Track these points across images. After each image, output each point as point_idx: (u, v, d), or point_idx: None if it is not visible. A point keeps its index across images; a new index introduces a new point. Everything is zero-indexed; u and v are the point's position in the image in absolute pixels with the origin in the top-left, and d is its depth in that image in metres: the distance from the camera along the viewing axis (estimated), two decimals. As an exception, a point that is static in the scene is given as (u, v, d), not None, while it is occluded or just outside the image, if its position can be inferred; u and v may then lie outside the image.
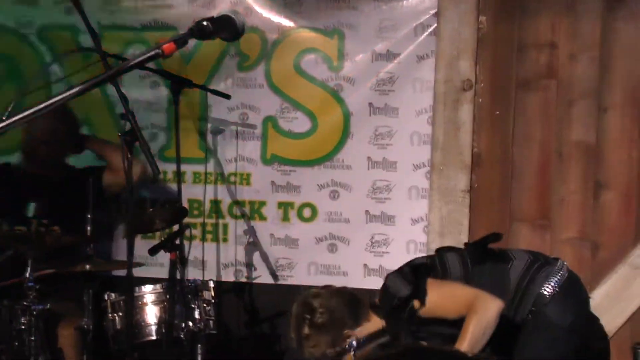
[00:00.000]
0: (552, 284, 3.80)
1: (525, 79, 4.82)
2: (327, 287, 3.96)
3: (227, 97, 5.10)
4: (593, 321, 4.00)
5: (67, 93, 2.22)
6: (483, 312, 3.65)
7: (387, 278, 3.91)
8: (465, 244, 4.15)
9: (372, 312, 3.88)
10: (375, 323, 3.85)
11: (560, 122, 4.78)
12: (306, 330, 3.82)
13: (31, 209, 4.47)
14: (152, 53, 2.28)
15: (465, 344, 3.59)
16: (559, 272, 3.84)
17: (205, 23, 2.33)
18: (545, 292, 3.79)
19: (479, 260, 3.90)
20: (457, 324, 3.70)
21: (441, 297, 3.77)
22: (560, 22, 4.76)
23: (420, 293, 3.76)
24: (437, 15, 4.97)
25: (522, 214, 4.82)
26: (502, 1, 4.79)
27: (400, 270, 3.91)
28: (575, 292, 3.89)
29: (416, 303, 3.74)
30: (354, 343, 3.74)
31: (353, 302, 3.89)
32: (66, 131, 4.99)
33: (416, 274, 3.84)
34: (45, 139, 4.92)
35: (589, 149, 4.76)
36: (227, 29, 2.39)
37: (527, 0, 4.75)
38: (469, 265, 3.88)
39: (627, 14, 4.66)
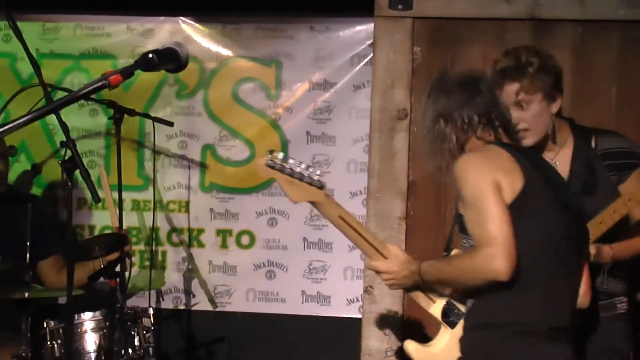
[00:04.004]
0: None
1: (458, 107, 4.90)
2: None
3: (170, 124, 5.11)
4: None
5: (15, 122, 2.26)
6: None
7: None
8: None
9: None
10: None
11: (492, 149, 4.88)
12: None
13: None
14: (99, 84, 2.33)
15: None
16: None
17: (151, 55, 2.38)
18: None
19: None
20: None
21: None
22: (491, 51, 4.83)
23: None
24: (372, 45, 5.07)
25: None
26: (435, 31, 4.88)
27: None
28: None
29: None
30: None
31: None
32: None
33: None
34: None
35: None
36: (172, 61, 2.44)
37: (460, 30, 4.84)
38: None
39: (554, 44, 4.79)
